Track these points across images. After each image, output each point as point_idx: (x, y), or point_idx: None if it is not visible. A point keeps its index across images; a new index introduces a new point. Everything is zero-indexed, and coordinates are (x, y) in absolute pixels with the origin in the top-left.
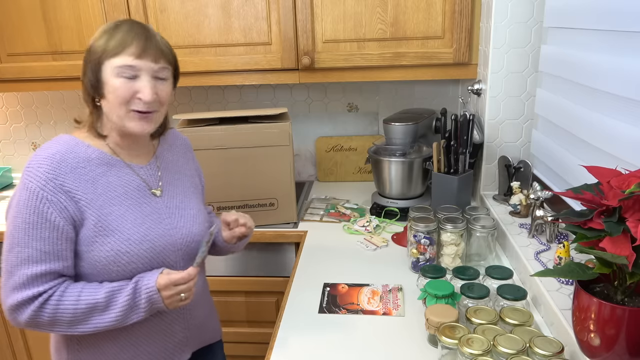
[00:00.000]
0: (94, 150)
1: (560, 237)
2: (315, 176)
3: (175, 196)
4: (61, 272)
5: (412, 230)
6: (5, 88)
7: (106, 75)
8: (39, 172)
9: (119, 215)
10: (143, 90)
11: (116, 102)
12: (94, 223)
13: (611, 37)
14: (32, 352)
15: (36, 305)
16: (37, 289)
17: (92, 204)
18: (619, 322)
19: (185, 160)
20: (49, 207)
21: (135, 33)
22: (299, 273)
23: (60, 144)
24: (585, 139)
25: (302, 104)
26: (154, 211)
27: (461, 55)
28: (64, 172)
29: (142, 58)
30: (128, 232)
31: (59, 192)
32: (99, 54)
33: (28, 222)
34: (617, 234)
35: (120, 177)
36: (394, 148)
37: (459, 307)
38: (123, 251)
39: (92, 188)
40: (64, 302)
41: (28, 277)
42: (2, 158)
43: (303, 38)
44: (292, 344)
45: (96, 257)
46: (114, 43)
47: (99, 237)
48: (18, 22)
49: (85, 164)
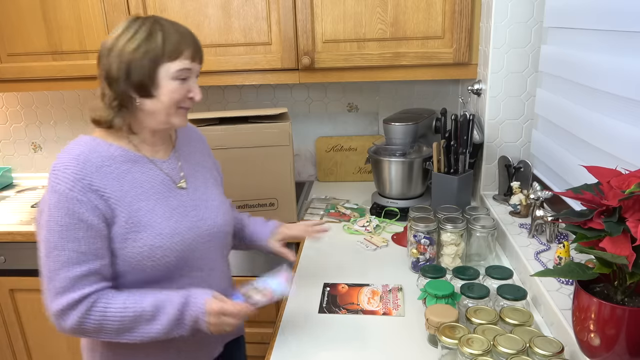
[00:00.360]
0: (116, 148)
1: (560, 237)
2: (315, 176)
3: (198, 188)
4: (100, 271)
5: (412, 230)
6: (5, 88)
7: (161, 78)
8: (65, 173)
9: (149, 210)
10: (195, 91)
11: (171, 102)
12: (125, 220)
13: (611, 37)
14: (32, 352)
15: (81, 310)
16: (82, 291)
17: (121, 201)
18: (619, 322)
19: (202, 154)
20: (80, 207)
21: (186, 35)
22: (299, 273)
23: (82, 145)
24: (585, 139)
25: (302, 104)
26: (180, 204)
27: (461, 55)
28: (90, 172)
29: (195, 61)
30: (159, 227)
31: (88, 191)
32: (156, 57)
33: (62, 225)
34: (617, 234)
35: (145, 172)
36: (394, 148)
37: (459, 307)
38: (156, 246)
39: (119, 185)
40: (110, 309)
41: (70, 280)
42: (2, 158)
43: (303, 38)
44: (292, 344)
45: (130, 254)
46: (171, 46)
47: (132, 234)
48: (18, 22)
49: (110, 162)
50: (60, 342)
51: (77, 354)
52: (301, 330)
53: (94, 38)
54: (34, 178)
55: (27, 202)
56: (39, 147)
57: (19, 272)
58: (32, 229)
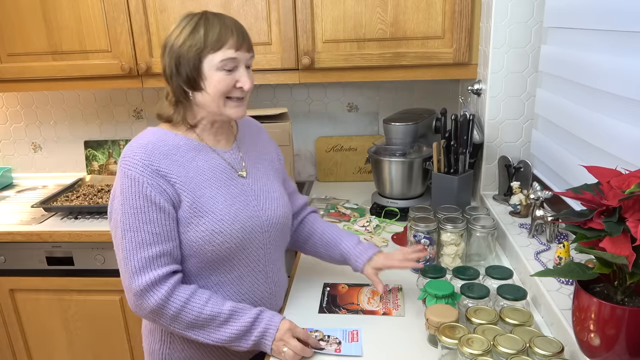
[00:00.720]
0: (181, 137)
1: (560, 237)
2: (315, 176)
3: (259, 179)
4: (172, 252)
5: (412, 230)
6: (5, 88)
7: (208, 70)
8: (135, 159)
9: (211, 196)
10: (242, 80)
11: (218, 94)
12: (189, 204)
13: (611, 37)
14: (32, 352)
15: (163, 293)
16: (160, 271)
17: (186, 186)
18: (619, 322)
19: (262, 144)
20: (151, 191)
21: (228, 26)
22: (299, 273)
23: (149, 134)
24: (585, 139)
25: (302, 104)
26: (241, 193)
27: (461, 55)
28: (157, 159)
29: (240, 50)
30: (220, 213)
31: (157, 176)
32: (199, 50)
33: (135, 207)
34: (617, 234)
35: (208, 160)
36: (394, 148)
37: (459, 307)
38: (217, 231)
39: (184, 172)
40: (191, 303)
41: (147, 259)
42: (2, 158)
43: (303, 38)
44: None
45: (192, 238)
46: (213, 37)
47: (194, 218)
48: (18, 22)
49: (176, 150)
50: (60, 342)
51: (77, 354)
52: None
53: (94, 38)
54: (34, 178)
55: (27, 202)
56: (39, 147)
57: (19, 272)
58: (32, 229)
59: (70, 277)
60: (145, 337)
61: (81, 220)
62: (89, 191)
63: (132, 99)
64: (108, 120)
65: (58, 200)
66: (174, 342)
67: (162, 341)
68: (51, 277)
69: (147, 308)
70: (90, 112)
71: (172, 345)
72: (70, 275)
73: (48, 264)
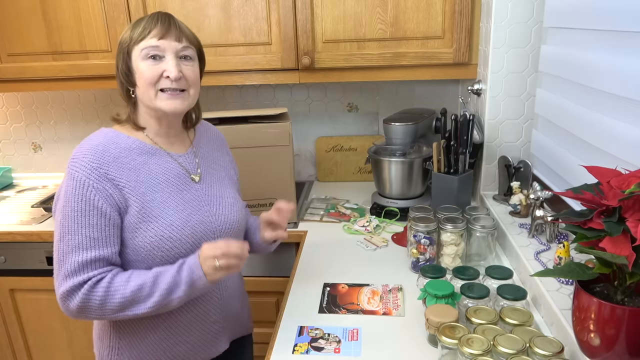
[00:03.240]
0: (134, 140)
1: (560, 237)
2: (315, 176)
3: (213, 184)
4: (109, 258)
5: (412, 230)
6: (5, 88)
7: (135, 62)
8: (83, 161)
9: (161, 201)
10: (168, 69)
11: (145, 84)
12: (137, 210)
13: (611, 37)
14: (32, 352)
15: (86, 289)
16: (87, 275)
17: (135, 191)
18: (619, 322)
19: (220, 153)
20: (95, 195)
21: (157, 18)
22: (299, 273)
23: (102, 136)
24: (585, 139)
25: (302, 104)
26: (193, 198)
27: (461, 55)
28: (107, 162)
29: (165, 38)
30: (170, 218)
31: (104, 180)
32: (127, 43)
33: (76, 210)
34: (617, 234)
35: (161, 164)
36: (394, 148)
37: (459, 307)
38: (166, 236)
39: (134, 176)
40: (113, 285)
41: (79, 264)
42: (2, 158)
43: (303, 38)
44: (292, 344)
45: (140, 243)
46: (138, 30)
47: (143, 224)
48: (18, 22)
49: (127, 154)
50: (60, 342)
51: (77, 354)
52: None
53: (94, 38)
54: (34, 178)
55: (27, 202)
56: (39, 147)
57: (19, 272)
58: (32, 229)
59: None
60: (95, 342)
61: None
62: None
63: None
64: (108, 120)
65: None
66: (122, 347)
67: (111, 347)
68: (51, 277)
69: (72, 309)
70: (90, 112)
71: (120, 351)
72: None
73: (48, 264)
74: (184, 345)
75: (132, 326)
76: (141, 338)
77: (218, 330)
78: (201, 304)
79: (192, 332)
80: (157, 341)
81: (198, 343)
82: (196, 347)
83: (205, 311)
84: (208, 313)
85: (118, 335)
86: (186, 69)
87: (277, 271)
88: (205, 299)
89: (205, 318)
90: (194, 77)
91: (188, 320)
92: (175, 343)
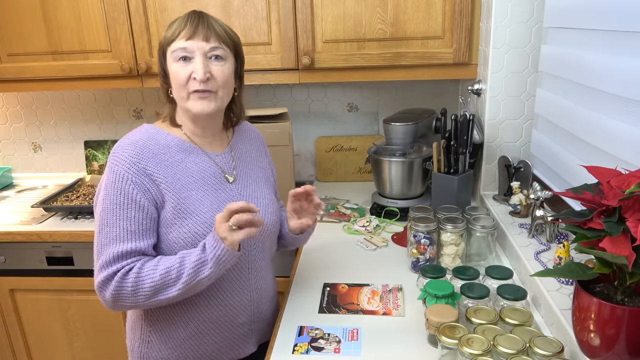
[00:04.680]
0: (173, 137)
1: (560, 237)
2: (315, 176)
3: (249, 185)
4: (145, 251)
5: (412, 230)
6: (5, 88)
7: (168, 63)
8: (123, 156)
9: (197, 199)
10: (195, 70)
11: (177, 86)
12: (173, 206)
13: (611, 37)
14: (32, 352)
15: (118, 277)
16: (121, 264)
17: (172, 187)
18: (619, 322)
19: (258, 153)
20: (133, 189)
21: (187, 18)
22: (299, 273)
23: (142, 132)
24: (585, 139)
25: (302, 104)
26: (228, 197)
27: (461, 55)
28: (146, 157)
29: (193, 38)
30: (205, 216)
31: (142, 175)
32: (162, 46)
33: (115, 203)
34: (617, 234)
35: (198, 163)
36: (394, 148)
37: (459, 307)
38: (200, 233)
39: (171, 173)
40: (143, 271)
41: (115, 255)
42: (2, 158)
43: (303, 38)
44: (292, 344)
45: (174, 239)
46: (170, 31)
47: (178, 220)
48: (18, 22)
49: (165, 150)
50: (60, 342)
51: (77, 354)
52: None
53: (94, 38)
54: (34, 178)
55: (27, 202)
56: (39, 147)
57: (19, 272)
58: (32, 229)
59: (70, 277)
60: (128, 333)
61: (81, 220)
62: (89, 191)
63: (132, 99)
64: (108, 120)
65: (58, 200)
66: (152, 341)
67: (142, 340)
68: (51, 277)
69: (108, 298)
70: (90, 112)
71: (150, 344)
72: (70, 275)
73: (48, 264)
74: (212, 344)
75: (164, 321)
76: (171, 334)
77: (246, 332)
78: (232, 304)
79: (220, 332)
80: (186, 338)
81: (225, 343)
82: (223, 347)
83: (235, 312)
84: (238, 314)
85: (149, 329)
86: (215, 70)
87: (277, 271)
88: (236, 299)
89: (234, 319)
90: (224, 78)
91: (217, 320)
92: (203, 342)
